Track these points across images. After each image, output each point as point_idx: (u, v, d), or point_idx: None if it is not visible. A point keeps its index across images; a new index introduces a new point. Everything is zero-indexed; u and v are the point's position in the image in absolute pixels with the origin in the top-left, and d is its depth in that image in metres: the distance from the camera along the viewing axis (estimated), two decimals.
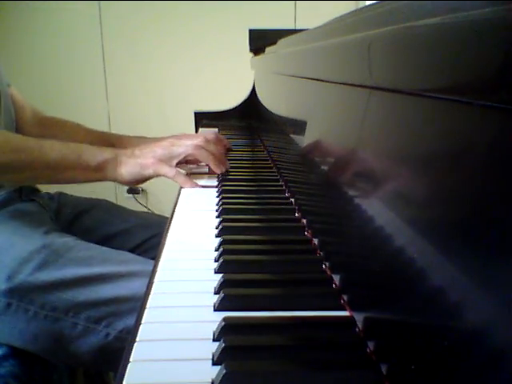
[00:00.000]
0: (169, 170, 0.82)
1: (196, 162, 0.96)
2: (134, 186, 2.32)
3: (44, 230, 0.81)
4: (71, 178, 0.81)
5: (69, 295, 0.72)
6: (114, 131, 2.48)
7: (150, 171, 0.82)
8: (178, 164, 0.86)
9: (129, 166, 0.81)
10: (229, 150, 1.12)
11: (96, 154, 0.81)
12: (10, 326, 0.73)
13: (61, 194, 1.05)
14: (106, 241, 0.96)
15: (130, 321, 0.69)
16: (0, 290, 0.72)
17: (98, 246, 0.82)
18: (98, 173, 0.81)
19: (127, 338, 0.42)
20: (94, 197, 1.11)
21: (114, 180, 0.84)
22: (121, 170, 0.81)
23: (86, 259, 0.76)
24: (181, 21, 2.31)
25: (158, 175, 0.83)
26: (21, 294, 0.72)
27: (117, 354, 0.39)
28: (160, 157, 0.83)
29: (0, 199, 0.87)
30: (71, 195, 1.08)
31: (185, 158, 0.86)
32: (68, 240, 0.79)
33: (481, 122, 0.26)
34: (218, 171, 0.90)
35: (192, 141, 0.87)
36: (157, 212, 1.89)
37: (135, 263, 0.76)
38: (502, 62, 0.23)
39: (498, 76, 0.23)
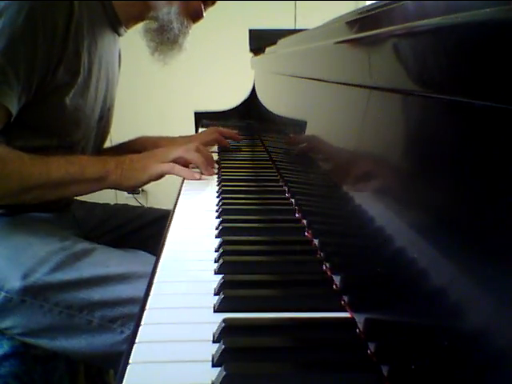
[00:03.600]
0: (165, 166, 0.86)
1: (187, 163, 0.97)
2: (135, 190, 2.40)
3: (63, 235, 0.82)
4: (77, 191, 0.87)
5: (84, 294, 0.73)
6: (114, 131, 2.45)
7: (149, 173, 0.86)
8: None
9: (128, 172, 0.85)
10: (226, 147, 1.16)
11: (98, 166, 0.84)
12: (26, 318, 0.74)
13: (90, 204, 1.09)
14: (127, 237, 1.02)
15: None
16: (14, 288, 0.73)
17: (116, 249, 0.82)
18: (101, 183, 0.85)
19: None
20: (93, 197, 1.12)
21: (116, 187, 0.88)
22: (121, 178, 0.85)
23: (103, 261, 0.76)
24: None
25: (156, 176, 0.87)
26: (35, 292, 0.73)
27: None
28: (155, 158, 0.87)
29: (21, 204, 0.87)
30: (95, 203, 1.11)
31: (178, 159, 0.89)
32: (86, 245, 0.81)
33: (481, 122, 0.26)
34: (207, 174, 0.92)
35: (186, 145, 0.92)
36: None
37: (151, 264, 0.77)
38: (502, 62, 0.23)
39: (498, 76, 0.23)
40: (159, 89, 2.37)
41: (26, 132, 0.83)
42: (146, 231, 1.05)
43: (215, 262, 0.56)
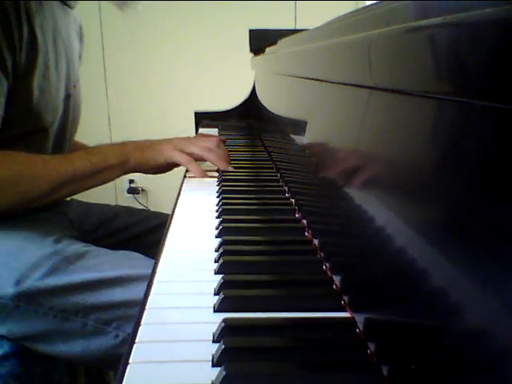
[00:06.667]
0: (182, 157, 0.91)
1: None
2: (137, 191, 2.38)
3: (55, 238, 0.81)
4: (104, 179, 0.89)
5: (78, 298, 0.72)
6: (113, 131, 2.45)
7: (164, 157, 0.91)
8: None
9: (146, 154, 0.90)
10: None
11: (119, 152, 0.89)
12: (21, 323, 0.74)
13: (88, 204, 1.09)
14: (129, 242, 1.03)
15: None
16: (8, 294, 0.72)
17: (110, 251, 0.82)
18: (124, 167, 0.89)
19: None
20: (93, 197, 1.12)
21: (137, 170, 0.92)
22: (141, 160, 0.90)
23: (96, 265, 0.76)
24: (181, 21, 2.31)
25: (172, 161, 0.91)
26: (29, 297, 0.72)
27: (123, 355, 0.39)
28: (176, 145, 0.91)
29: None
30: (94, 203, 1.11)
31: (196, 154, 0.93)
32: (79, 247, 0.80)
33: (481, 122, 0.26)
34: (223, 168, 0.97)
35: (205, 143, 0.96)
36: None
37: (146, 267, 0.76)
38: (502, 62, 0.23)
39: (498, 76, 0.23)
40: (159, 88, 2.37)
41: None
42: (149, 237, 1.04)
43: (215, 262, 0.56)
